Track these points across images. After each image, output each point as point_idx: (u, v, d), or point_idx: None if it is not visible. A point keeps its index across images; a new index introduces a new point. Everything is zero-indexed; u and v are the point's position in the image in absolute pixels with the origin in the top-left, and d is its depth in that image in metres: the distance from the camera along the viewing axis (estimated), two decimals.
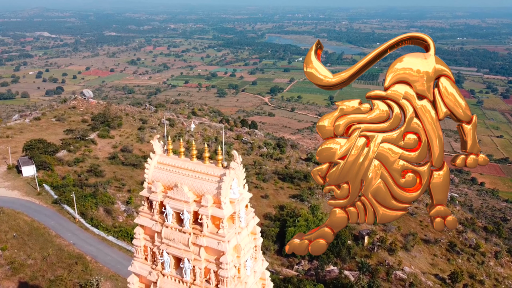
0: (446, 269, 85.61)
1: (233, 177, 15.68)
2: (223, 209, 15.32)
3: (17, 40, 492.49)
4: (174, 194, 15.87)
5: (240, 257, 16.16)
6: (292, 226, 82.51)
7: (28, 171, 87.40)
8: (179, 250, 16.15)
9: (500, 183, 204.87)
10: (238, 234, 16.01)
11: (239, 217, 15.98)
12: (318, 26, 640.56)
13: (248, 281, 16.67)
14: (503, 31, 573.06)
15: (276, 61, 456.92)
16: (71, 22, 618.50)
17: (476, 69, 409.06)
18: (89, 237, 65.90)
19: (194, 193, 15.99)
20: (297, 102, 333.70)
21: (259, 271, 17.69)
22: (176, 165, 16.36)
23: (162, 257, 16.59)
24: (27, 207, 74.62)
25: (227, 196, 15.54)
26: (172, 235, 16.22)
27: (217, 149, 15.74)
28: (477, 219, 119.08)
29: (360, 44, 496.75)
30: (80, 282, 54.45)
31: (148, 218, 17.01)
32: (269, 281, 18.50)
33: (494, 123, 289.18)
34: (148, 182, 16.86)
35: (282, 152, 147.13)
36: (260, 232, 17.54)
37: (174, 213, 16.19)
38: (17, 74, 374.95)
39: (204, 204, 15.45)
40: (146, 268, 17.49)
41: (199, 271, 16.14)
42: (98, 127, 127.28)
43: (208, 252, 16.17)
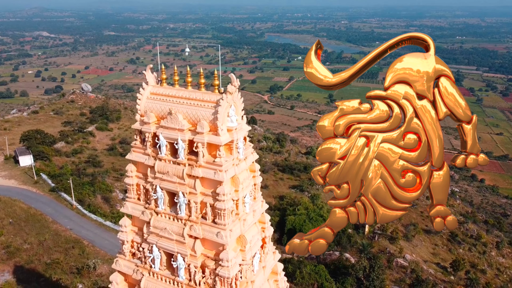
0: (448, 258, 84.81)
1: (231, 104, 14.81)
2: (220, 135, 14.45)
3: (16, 39, 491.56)
4: (168, 122, 14.99)
5: (238, 191, 15.28)
6: (292, 214, 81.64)
7: (25, 161, 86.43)
8: (173, 183, 15.27)
9: (500, 179, 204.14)
10: (236, 166, 15.12)
11: (237, 147, 15.11)
12: (318, 26, 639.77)
13: (247, 218, 15.80)
14: (503, 30, 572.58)
15: (276, 60, 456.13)
16: (70, 22, 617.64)
17: (475, 67, 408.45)
18: (86, 223, 65.04)
19: (189, 122, 15.12)
20: (296, 100, 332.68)
21: (259, 211, 16.82)
22: (170, 94, 15.50)
23: (156, 194, 15.73)
24: (24, 195, 73.77)
25: (224, 122, 14.67)
26: (166, 168, 15.34)
27: (214, 73, 14.84)
28: (478, 213, 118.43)
29: (360, 43, 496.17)
30: (77, 265, 53.58)
31: (141, 153, 16.13)
32: (269, 225, 17.66)
33: (494, 120, 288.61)
34: (140, 114, 15.99)
35: (282, 146, 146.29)
36: (259, 170, 16.71)
37: (168, 144, 15.31)
38: (16, 73, 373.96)
39: (199, 131, 14.56)
40: (139, 208, 16.62)
41: (195, 206, 15.26)
42: (97, 120, 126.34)
43: (204, 185, 15.29)
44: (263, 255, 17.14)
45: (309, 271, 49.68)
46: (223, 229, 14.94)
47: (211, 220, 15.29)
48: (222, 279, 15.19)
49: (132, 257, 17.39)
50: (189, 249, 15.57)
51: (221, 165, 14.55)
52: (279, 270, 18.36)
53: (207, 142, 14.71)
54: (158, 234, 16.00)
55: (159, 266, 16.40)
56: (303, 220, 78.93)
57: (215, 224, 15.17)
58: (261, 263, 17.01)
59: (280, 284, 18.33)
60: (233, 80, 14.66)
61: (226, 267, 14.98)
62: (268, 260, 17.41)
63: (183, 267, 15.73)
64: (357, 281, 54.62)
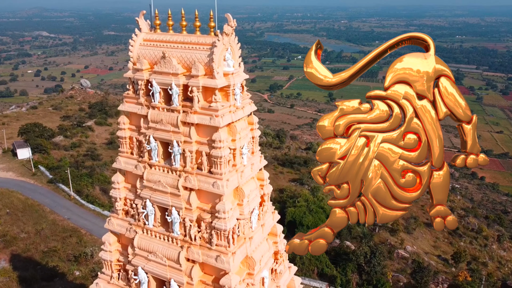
0: (449, 251, 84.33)
1: (227, 46, 14.17)
2: (216, 78, 13.81)
3: (15, 39, 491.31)
4: (161, 67, 14.35)
5: (235, 140, 14.64)
6: (292, 206, 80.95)
7: (23, 153, 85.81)
8: (167, 132, 14.63)
9: (500, 177, 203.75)
10: (233, 113, 14.46)
11: (234, 94, 14.47)
12: (317, 25, 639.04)
13: (244, 170, 15.16)
14: (502, 29, 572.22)
15: (275, 59, 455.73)
16: (70, 22, 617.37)
17: (475, 66, 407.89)
18: (84, 213, 64.41)
19: (184, 66, 14.47)
20: (296, 99, 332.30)
21: (257, 166, 16.18)
22: (164, 39, 14.87)
23: (149, 145, 15.09)
24: (22, 187, 73.16)
25: (220, 66, 14.03)
26: (159, 116, 14.70)
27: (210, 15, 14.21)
28: (479, 209, 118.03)
29: (359, 42, 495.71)
30: (74, 253, 52.92)
31: (133, 104, 15.50)
32: (268, 183, 17.04)
33: (494, 119, 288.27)
34: (133, 62, 15.36)
35: (282, 142, 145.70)
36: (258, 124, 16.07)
37: (162, 91, 14.67)
38: (15, 73, 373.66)
39: (194, 74, 13.91)
40: (132, 163, 15.97)
41: (190, 155, 14.61)
42: (96, 115, 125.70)
43: (199, 133, 14.64)
44: (262, 213, 16.52)
45: (309, 257, 49.04)
46: (219, 179, 14.30)
47: (207, 170, 14.64)
48: (219, 232, 14.55)
49: (125, 215, 16.76)
50: (184, 202, 14.93)
51: (217, 109, 13.91)
52: (278, 232, 17.78)
53: (202, 86, 14.06)
54: (152, 187, 15.35)
55: (153, 223, 15.76)
56: (303, 212, 78.18)
57: (211, 174, 14.52)
58: (260, 221, 16.39)
59: (280, 246, 17.71)
60: (230, 20, 14.03)
61: (222, 219, 14.34)
62: (267, 220, 16.79)
63: (178, 221, 15.08)
64: (358, 267, 54.03)
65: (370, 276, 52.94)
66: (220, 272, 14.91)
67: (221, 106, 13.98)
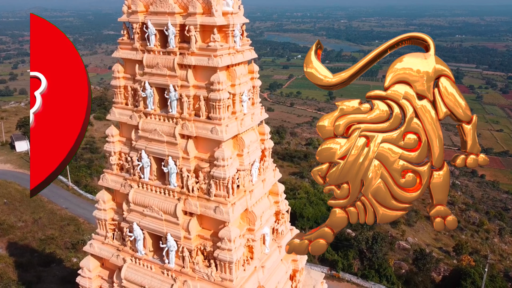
0: (450, 243, 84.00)
1: None
2: (214, 16, 13.13)
3: (15, 39, 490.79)
4: (157, 7, 13.67)
5: (235, 85, 13.96)
6: (292, 198, 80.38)
7: (21, 146, 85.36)
8: (164, 77, 13.94)
9: (500, 175, 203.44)
10: (232, 56, 13.78)
11: (233, 35, 13.79)
12: (317, 25, 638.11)
13: (244, 119, 14.47)
14: (502, 28, 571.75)
15: (275, 58, 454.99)
16: (69, 22, 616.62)
17: (475, 65, 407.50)
18: (82, 202, 63.78)
19: (180, 6, 13.79)
20: (296, 97, 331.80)
21: (258, 117, 15.49)
22: None
23: (145, 92, 14.40)
24: (20, 178, 72.54)
25: (219, 3, 13.36)
26: (155, 60, 14.02)
27: None
28: (479, 205, 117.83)
29: (359, 42, 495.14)
30: (72, 241, 52.23)
31: (128, 49, 14.83)
32: (269, 138, 16.35)
33: (494, 117, 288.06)
34: (127, 5, 14.70)
35: (282, 138, 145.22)
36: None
37: (157, 33, 13.98)
38: (15, 72, 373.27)
39: (191, 11, 13.23)
40: (126, 113, 15.27)
41: (187, 101, 13.92)
42: (95, 110, 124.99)
43: (196, 77, 13.96)
44: (263, 167, 15.83)
45: None
46: (218, 124, 13.61)
47: (205, 116, 13.95)
48: (218, 182, 13.86)
49: (120, 171, 16.07)
50: (181, 150, 14.24)
51: (215, 49, 13.22)
52: (280, 191, 17.12)
53: (200, 25, 13.37)
54: (147, 137, 14.66)
55: (148, 176, 15.07)
56: (303, 204, 77.53)
57: (210, 120, 13.83)
58: (260, 176, 15.71)
59: (281, 206, 17.05)
60: None
61: (221, 167, 13.64)
62: (268, 176, 16.11)
63: (175, 172, 14.38)
64: (360, 253, 53.40)
65: (372, 262, 52.38)
66: (219, 225, 14.23)
67: (219, 46, 13.30)
